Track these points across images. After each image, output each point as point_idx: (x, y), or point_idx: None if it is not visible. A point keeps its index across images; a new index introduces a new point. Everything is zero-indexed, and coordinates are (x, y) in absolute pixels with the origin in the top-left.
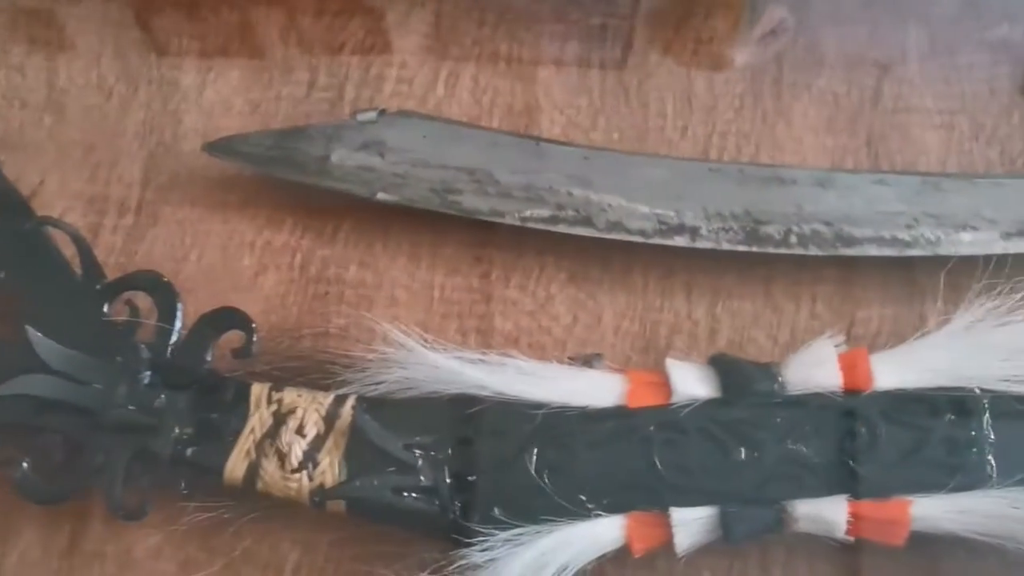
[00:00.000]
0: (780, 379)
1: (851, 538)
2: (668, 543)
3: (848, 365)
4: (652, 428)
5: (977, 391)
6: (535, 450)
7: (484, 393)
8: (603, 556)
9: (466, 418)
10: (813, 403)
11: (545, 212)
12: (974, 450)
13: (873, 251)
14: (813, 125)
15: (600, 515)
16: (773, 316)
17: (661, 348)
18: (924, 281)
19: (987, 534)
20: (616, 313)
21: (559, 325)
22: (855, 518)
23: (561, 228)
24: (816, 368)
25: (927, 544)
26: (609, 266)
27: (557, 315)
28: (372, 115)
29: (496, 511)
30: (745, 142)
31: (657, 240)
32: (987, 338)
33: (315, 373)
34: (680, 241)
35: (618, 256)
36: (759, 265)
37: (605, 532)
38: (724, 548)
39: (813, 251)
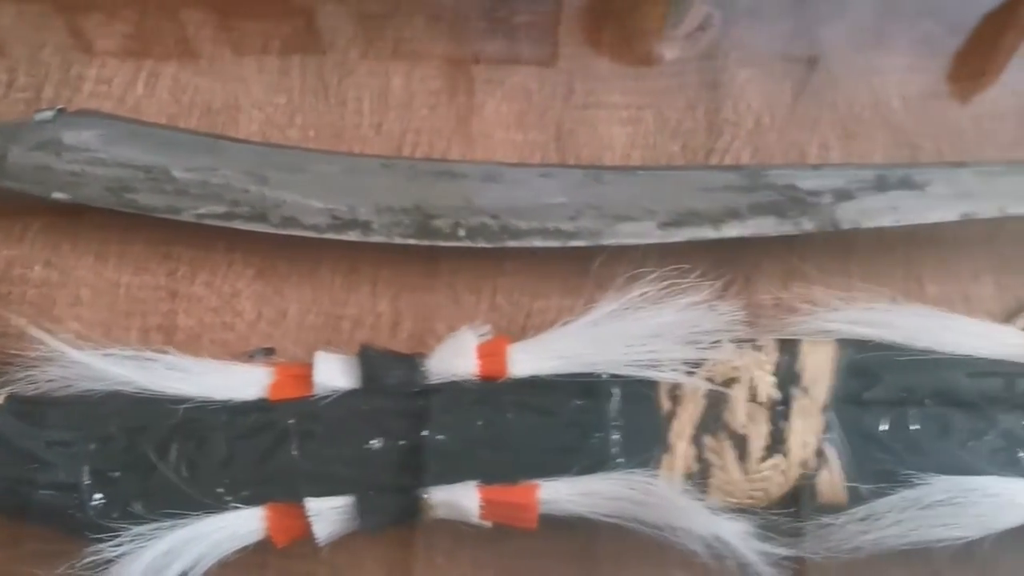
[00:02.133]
0: (421, 369)
1: (488, 523)
2: (309, 533)
3: (486, 354)
4: (291, 420)
5: (605, 376)
6: (175, 445)
7: (131, 390)
8: (245, 548)
9: (109, 415)
10: (449, 391)
11: (221, 209)
12: (600, 434)
13: (538, 242)
14: (505, 121)
15: (239, 508)
16: (454, 308)
17: (344, 342)
18: (602, 272)
19: (610, 515)
20: (301, 308)
21: (243, 321)
22: (487, 503)
23: (237, 224)
24: (455, 358)
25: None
26: (297, 262)
27: (242, 311)
28: (49, 114)
29: (137, 507)
30: (438, 138)
31: (331, 235)
32: (617, 325)
33: None
34: (353, 236)
35: (306, 252)
36: (443, 259)
37: (243, 524)
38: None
39: (481, 244)
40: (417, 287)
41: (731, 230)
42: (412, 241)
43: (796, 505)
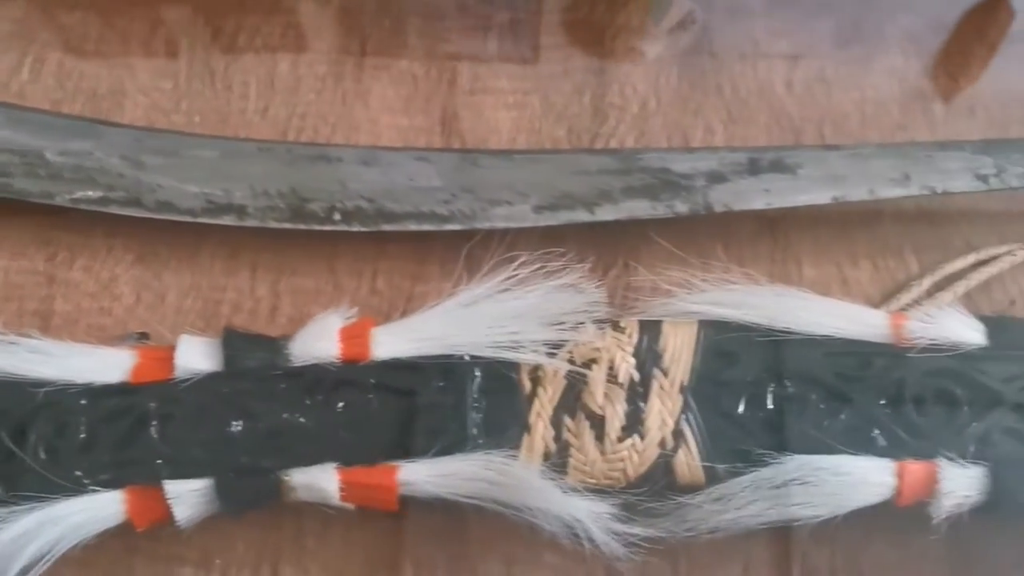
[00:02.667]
0: (284, 352)
1: (350, 505)
2: (170, 516)
3: (349, 337)
4: (152, 403)
5: (467, 358)
6: (34, 428)
7: None
8: (105, 531)
9: None
10: (310, 374)
11: (95, 193)
12: (459, 415)
13: (412, 226)
14: (390, 106)
15: (98, 491)
16: (334, 293)
17: (222, 326)
18: (480, 255)
19: (471, 496)
20: (180, 292)
21: (121, 306)
22: (347, 485)
23: (112, 209)
24: (318, 341)
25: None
26: (177, 247)
27: (120, 295)
28: None
29: None
30: (323, 123)
31: (206, 219)
32: (481, 308)
33: None
34: (228, 220)
35: (187, 237)
36: (324, 243)
37: (102, 507)
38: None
39: (356, 227)
40: (297, 271)
41: (605, 213)
42: (287, 225)
43: (654, 485)
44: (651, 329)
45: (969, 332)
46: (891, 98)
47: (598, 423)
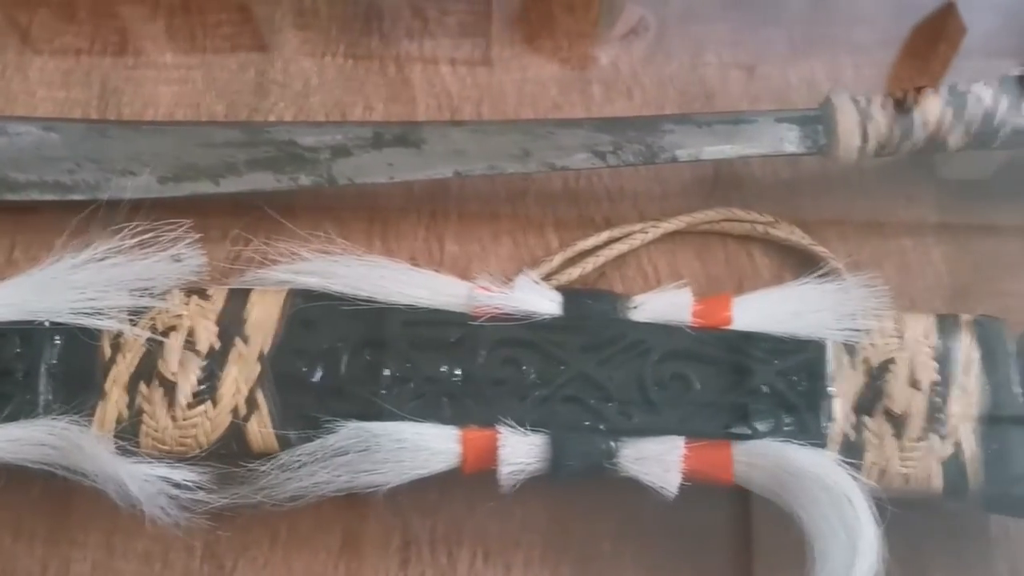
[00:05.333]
0: None
1: None
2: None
3: None
4: None
5: (47, 324)
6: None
7: None
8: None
9: None
10: None
11: None
12: (31, 380)
13: (35, 195)
14: (49, 79)
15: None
16: None
17: None
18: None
19: (38, 462)
20: None
21: None
22: None
23: None
24: None
25: None
26: None
27: None
28: None
29: None
30: None
31: None
32: (70, 275)
33: None
34: None
35: None
36: None
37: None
38: None
39: None
40: None
41: (230, 185)
42: None
43: (229, 452)
44: (239, 297)
45: (545, 303)
46: (550, 79)
47: (171, 389)
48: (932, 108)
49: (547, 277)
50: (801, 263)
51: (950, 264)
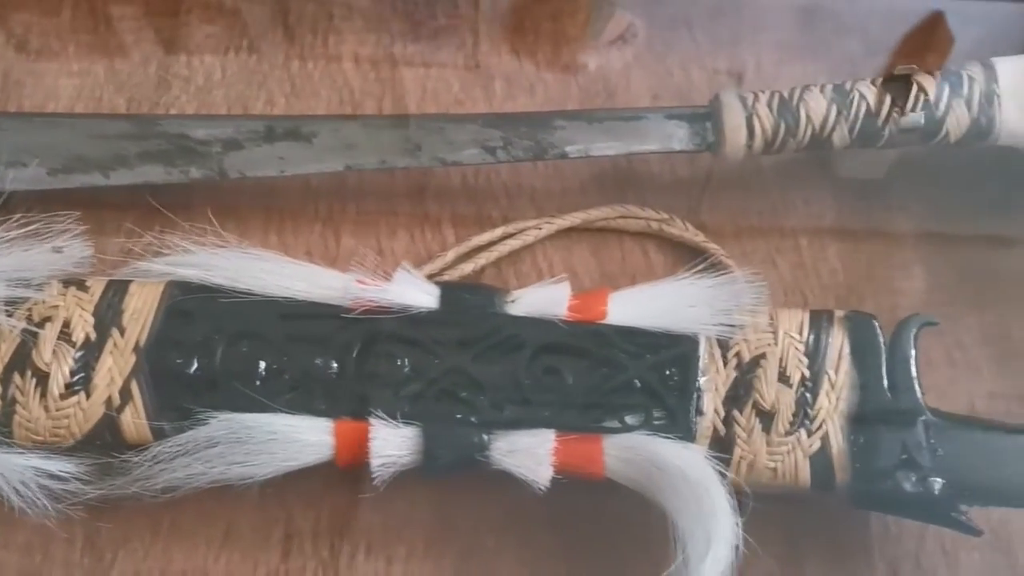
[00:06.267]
0: None
1: None
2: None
3: None
4: None
5: None
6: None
7: None
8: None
9: None
10: None
11: None
12: None
13: None
14: None
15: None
16: None
17: None
18: None
19: None
20: None
21: None
22: None
23: None
24: None
25: None
26: None
27: None
28: None
29: None
30: None
31: None
32: None
33: None
34: None
35: None
36: None
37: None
38: None
39: None
40: None
41: (121, 178)
42: None
43: (103, 443)
44: (118, 289)
45: (422, 296)
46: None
47: (44, 380)
48: (816, 106)
49: (441, 272)
50: (695, 260)
51: (845, 263)
